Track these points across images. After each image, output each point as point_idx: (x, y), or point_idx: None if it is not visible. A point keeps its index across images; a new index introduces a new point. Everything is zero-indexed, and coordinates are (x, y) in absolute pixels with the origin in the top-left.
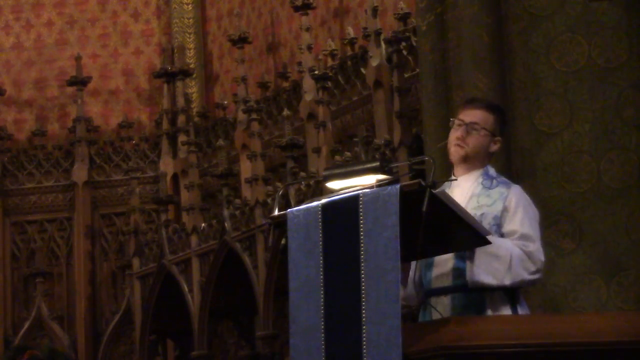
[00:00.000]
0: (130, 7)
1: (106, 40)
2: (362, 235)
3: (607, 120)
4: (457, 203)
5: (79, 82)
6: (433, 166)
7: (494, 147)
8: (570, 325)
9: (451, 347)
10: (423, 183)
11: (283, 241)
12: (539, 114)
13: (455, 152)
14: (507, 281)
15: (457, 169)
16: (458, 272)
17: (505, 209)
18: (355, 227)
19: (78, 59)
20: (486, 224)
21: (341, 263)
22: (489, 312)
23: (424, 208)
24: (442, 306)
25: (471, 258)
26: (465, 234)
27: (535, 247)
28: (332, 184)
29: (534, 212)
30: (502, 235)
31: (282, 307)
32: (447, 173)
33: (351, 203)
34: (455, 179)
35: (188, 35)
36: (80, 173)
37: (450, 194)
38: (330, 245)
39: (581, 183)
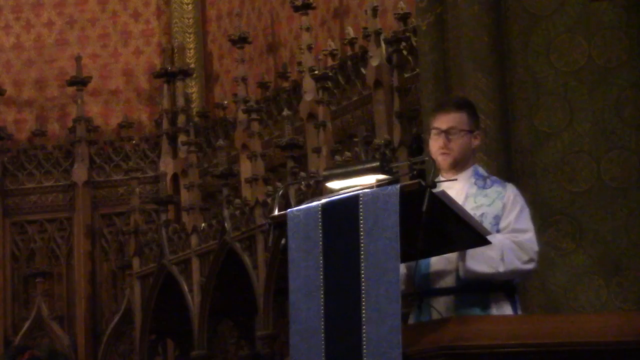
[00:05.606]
0: (130, 7)
1: (106, 40)
2: (362, 235)
3: (607, 120)
4: (457, 203)
5: (79, 82)
6: (433, 166)
7: (476, 142)
8: (570, 325)
9: (451, 347)
10: (423, 183)
11: (283, 241)
12: (539, 114)
13: (443, 160)
14: (501, 269)
15: (447, 174)
16: None
17: (504, 207)
18: (355, 227)
19: (78, 59)
20: (487, 223)
21: (341, 263)
22: (494, 312)
23: (424, 208)
24: (442, 306)
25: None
26: (465, 234)
27: (527, 237)
28: (332, 184)
29: (528, 208)
30: (497, 231)
31: (282, 307)
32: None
33: (351, 203)
34: (456, 179)
35: (188, 35)
36: (80, 173)
37: None
38: (330, 245)
39: (581, 183)
